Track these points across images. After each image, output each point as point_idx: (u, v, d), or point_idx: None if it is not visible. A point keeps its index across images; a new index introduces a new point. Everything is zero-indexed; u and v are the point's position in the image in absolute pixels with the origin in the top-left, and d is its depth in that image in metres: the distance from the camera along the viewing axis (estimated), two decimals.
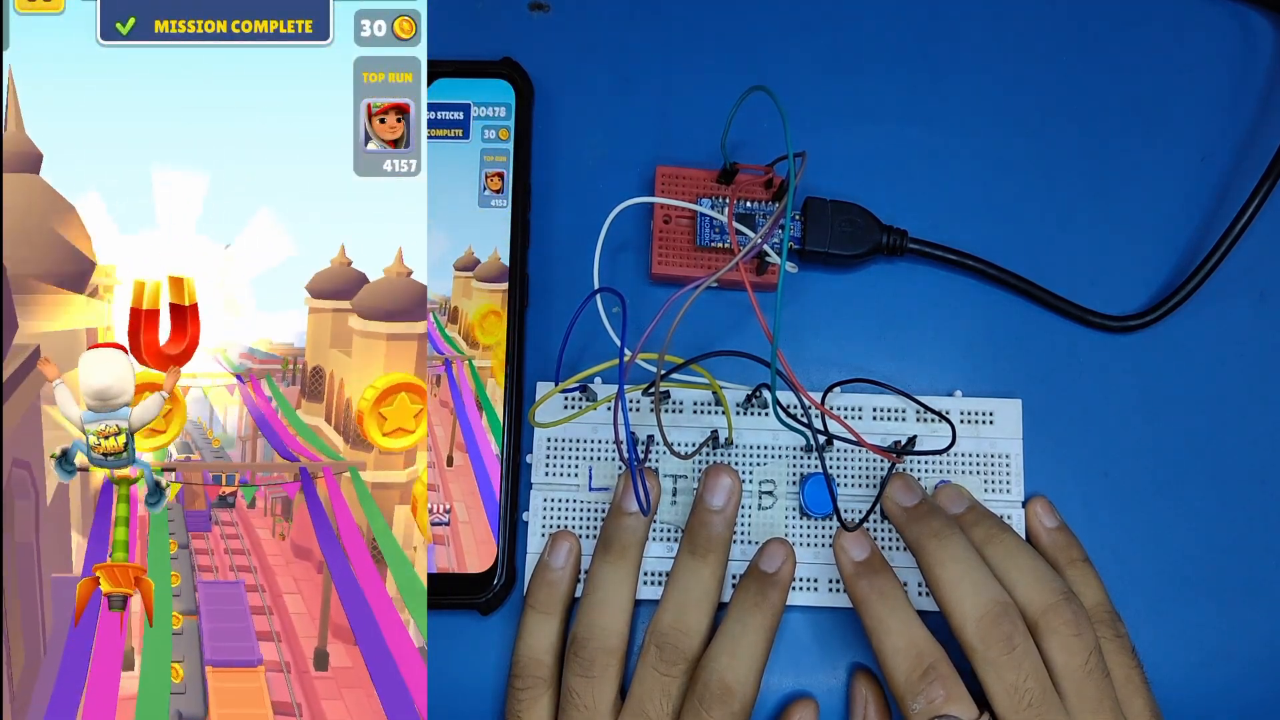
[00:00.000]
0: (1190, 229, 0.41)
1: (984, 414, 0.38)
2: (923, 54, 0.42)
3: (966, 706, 0.31)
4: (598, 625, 0.34)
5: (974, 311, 0.40)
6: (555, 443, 0.38)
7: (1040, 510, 0.37)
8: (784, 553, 0.35)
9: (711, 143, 0.38)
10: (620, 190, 0.40)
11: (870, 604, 0.33)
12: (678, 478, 0.37)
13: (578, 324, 0.35)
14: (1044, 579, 0.33)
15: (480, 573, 0.37)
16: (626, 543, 0.35)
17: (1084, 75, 0.42)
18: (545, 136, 0.41)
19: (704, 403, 0.38)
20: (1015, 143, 0.41)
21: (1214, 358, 0.40)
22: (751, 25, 0.42)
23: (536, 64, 0.41)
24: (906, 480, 0.36)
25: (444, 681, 0.37)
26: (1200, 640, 0.38)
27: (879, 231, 0.39)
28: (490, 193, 0.40)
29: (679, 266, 0.39)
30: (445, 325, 0.39)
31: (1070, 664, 0.31)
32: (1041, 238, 0.40)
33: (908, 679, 0.31)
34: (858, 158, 0.41)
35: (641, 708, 0.33)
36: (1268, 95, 0.42)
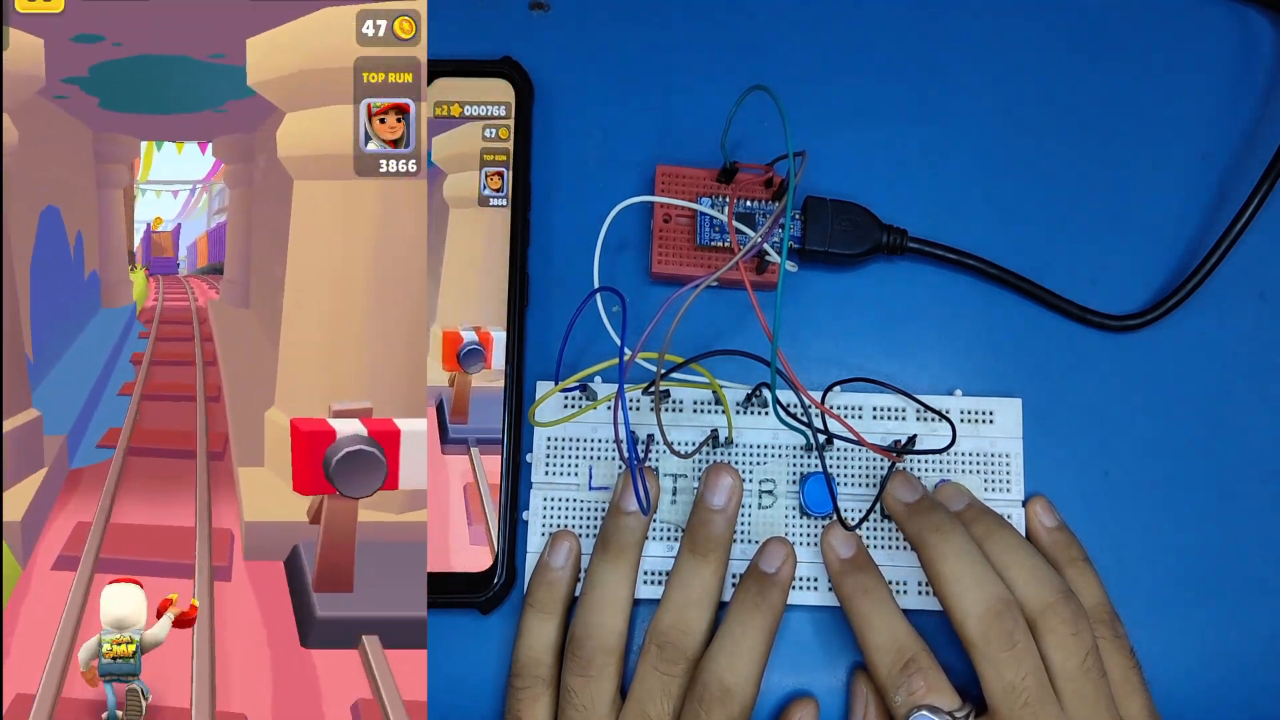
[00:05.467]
0: (1190, 229, 0.41)
1: (984, 413, 0.38)
2: (923, 54, 0.42)
3: (948, 697, 0.31)
4: (596, 624, 0.34)
5: (974, 311, 0.40)
6: (555, 442, 0.38)
7: (1040, 510, 0.37)
8: (784, 552, 0.35)
9: (711, 142, 0.38)
10: (620, 190, 0.40)
11: (855, 600, 0.34)
12: (678, 477, 0.37)
13: (578, 323, 0.35)
14: (1043, 577, 0.33)
15: (480, 572, 0.37)
16: (626, 542, 0.35)
17: (1084, 75, 0.42)
18: (545, 136, 0.41)
19: (704, 402, 0.38)
20: (1015, 143, 0.41)
21: (1214, 358, 0.40)
22: (751, 25, 0.42)
23: (536, 64, 0.41)
24: (907, 477, 0.36)
25: (444, 680, 0.37)
26: (1200, 640, 0.38)
27: (879, 231, 0.39)
28: (490, 192, 0.40)
29: (679, 266, 0.39)
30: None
31: (1068, 663, 0.31)
32: (1041, 238, 0.40)
33: (889, 672, 0.32)
34: (858, 158, 0.41)
35: (642, 707, 0.33)
36: (1268, 95, 0.42)
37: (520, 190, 0.40)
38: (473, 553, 0.37)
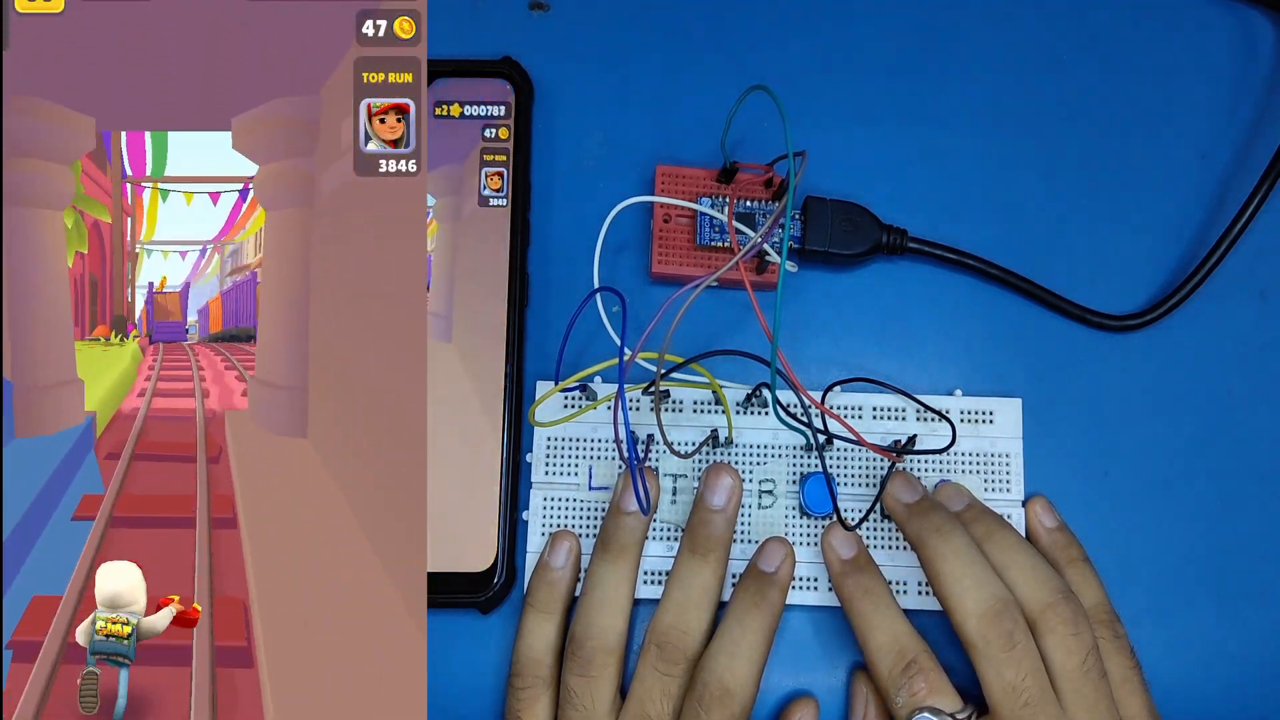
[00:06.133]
0: (1190, 229, 0.41)
1: (984, 413, 0.38)
2: (923, 54, 0.42)
3: (949, 699, 0.31)
4: (596, 624, 0.34)
5: (974, 311, 0.40)
6: (555, 442, 0.38)
7: (1040, 510, 0.37)
8: (783, 552, 0.35)
9: (711, 142, 0.38)
10: (620, 190, 0.40)
11: (856, 601, 0.34)
12: (678, 477, 0.37)
13: (578, 323, 0.35)
14: (1043, 577, 0.33)
15: (480, 572, 0.37)
16: (626, 542, 0.35)
17: (1084, 75, 0.42)
18: (545, 136, 0.41)
19: (704, 402, 0.38)
20: (1015, 143, 0.41)
21: (1214, 357, 0.40)
22: (751, 25, 0.42)
23: (536, 64, 0.41)
24: (907, 477, 0.36)
25: (444, 680, 0.37)
26: (1200, 640, 0.38)
27: (879, 231, 0.39)
28: (490, 192, 0.40)
29: (679, 266, 0.39)
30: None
31: (1068, 664, 0.31)
32: (1041, 237, 0.40)
33: (890, 673, 0.32)
34: (858, 158, 0.41)
35: (642, 707, 0.33)
36: (1268, 95, 0.42)
37: (520, 190, 0.40)
38: (473, 553, 0.37)
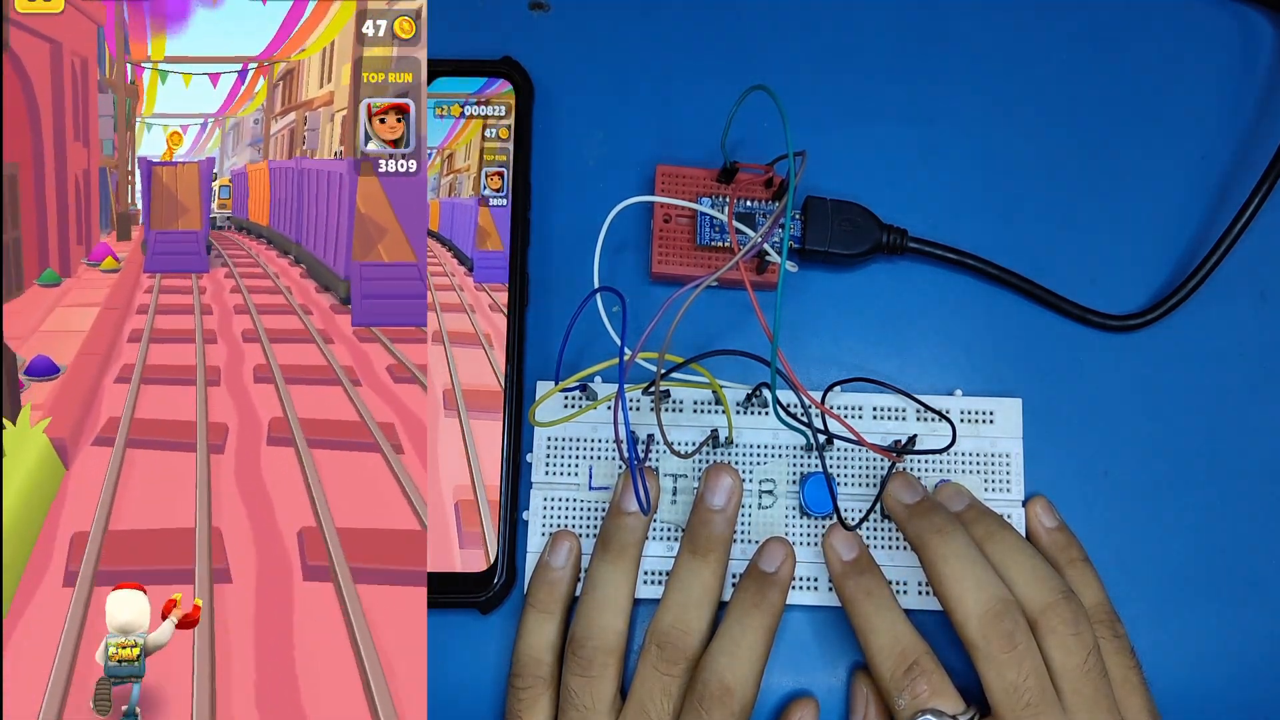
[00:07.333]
0: (1190, 229, 0.41)
1: (984, 413, 0.38)
2: (923, 53, 0.42)
3: (951, 701, 0.31)
4: (596, 624, 0.34)
5: (974, 311, 0.40)
6: (555, 442, 0.38)
7: (1040, 510, 0.37)
8: (783, 552, 0.35)
9: (711, 142, 0.38)
10: (620, 190, 0.40)
11: (857, 603, 0.34)
12: (678, 477, 0.37)
13: (578, 323, 0.35)
14: (1043, 577, 0.33)
15: (480, 572, 0.37)
16: (626, 542, 0.35)
17: (1084, 75, 0.42)
18: (545, 136, 0.41)
19: (704, 402, 0.38)
20: (1015, 143, 0.41)
21: (1214, 357, 0.40)
22: (751, 25, 0.42)
23: (536, 64, 0.41)
24: (907, 478, 0.36)
25: (444, 680, 0.37)
26: (1200, 640, 0.38)
27: (879, 231, 0.39)
28: (490, 192, 0.40)
29: (679, 266, 0.39)
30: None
31: (1068, 663, 0.31)
32: (1041, 237, 0.40)
33: (892, 675, 0.32)
34: (858, 158, 0.41)
35: (642, 707, 0.33)
36: (1268, 95, 0.42)
37: (520, 190, 0.40)
38: (472, 553, 0.37)
